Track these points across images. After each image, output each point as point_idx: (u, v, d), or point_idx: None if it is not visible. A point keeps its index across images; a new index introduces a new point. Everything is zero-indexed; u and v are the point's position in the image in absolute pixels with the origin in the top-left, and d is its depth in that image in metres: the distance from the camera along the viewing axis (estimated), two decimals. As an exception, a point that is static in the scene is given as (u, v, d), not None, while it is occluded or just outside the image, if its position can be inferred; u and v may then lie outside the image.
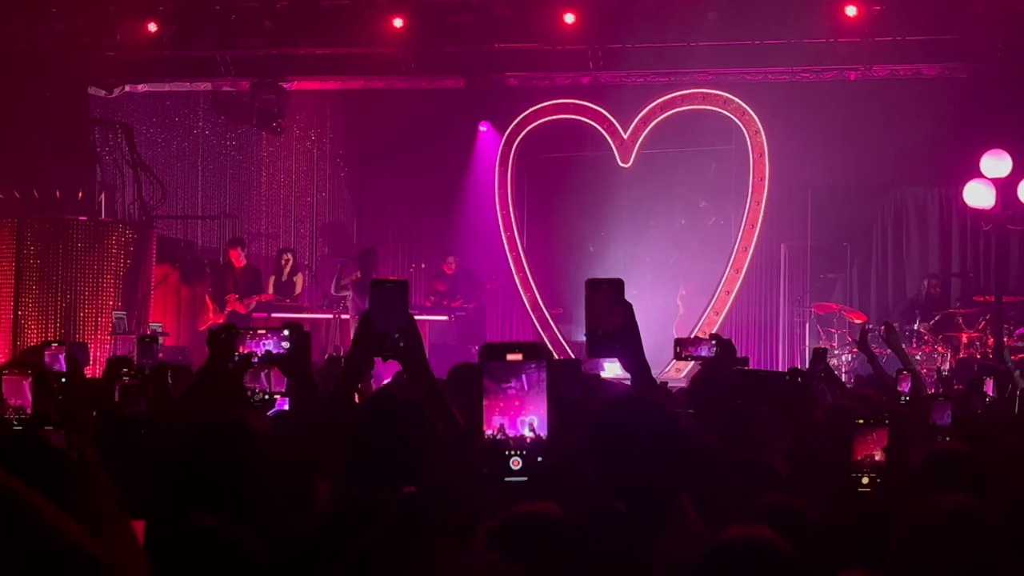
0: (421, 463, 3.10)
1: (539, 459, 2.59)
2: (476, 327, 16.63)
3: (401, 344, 3.21)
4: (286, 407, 5.67)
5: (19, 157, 14.81)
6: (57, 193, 14.71)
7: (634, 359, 3.49)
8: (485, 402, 2.58)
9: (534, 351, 2.63)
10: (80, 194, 14.80)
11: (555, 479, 2.74)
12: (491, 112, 17.12)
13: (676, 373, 14.09)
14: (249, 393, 5.69)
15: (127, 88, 16.73)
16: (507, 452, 2.59)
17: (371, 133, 17.57)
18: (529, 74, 16.48)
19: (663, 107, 16.26)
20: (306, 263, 16.94)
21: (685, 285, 16.14)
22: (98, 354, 14.27)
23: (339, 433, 3.39)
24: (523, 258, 16.78)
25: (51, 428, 4.11)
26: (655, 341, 11.02)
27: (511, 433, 2.59)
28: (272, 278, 15.96)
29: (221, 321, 15.00)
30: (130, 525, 0.98)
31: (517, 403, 2.60)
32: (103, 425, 5.78)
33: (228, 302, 15.13)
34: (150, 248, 15.26)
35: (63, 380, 6.62)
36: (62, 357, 6.36)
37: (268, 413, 5.67)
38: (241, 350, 4.78)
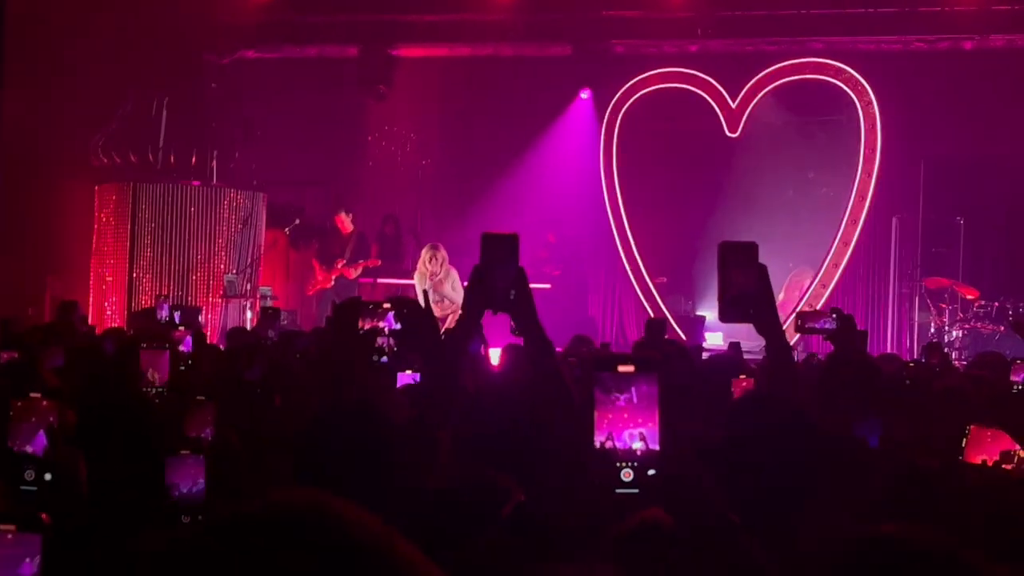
0: (532, 453, 3.15)
1: (651, 472, 2.56)
2: (578, 298, 16.75)
3: (512, 296, 3.24)
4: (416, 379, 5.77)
5: (135, 122, 15.28)
6: (171, 158, 15.17)
7: (769, 324, 3.44)
8: (595, 413, 2.57)
9: (647, 363, 2.60)
10: (193, 159, 15.24)
11: (667, 491, 2.69)
12: (597, 80, 17.13)
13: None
14: (375, 355, 5.88)
15: (239, 54, 17.11)
16: (618, 464, 2.56)
17: (476, 100, 17.68)
18: (637, 42, 16.49)
19: (773, 76, 16.13)
20: (412, 229, 17.18)
21: (792, 258, 16.06)
22: (210, 316, 14.73)
23: (454, 390, 3.52)
24: (627, 227, 16.82)
25: (202, 399, 4.35)
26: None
27: (620, 446, 2.58)
28: (376, 245, 16.23)
29: (328, 286, 15.37)
30: None
31: (626, 415, 2.59)
32: (220, 389, 6.03)
33: (336, 267, 15.45)
34: (261, 212, 15.67)
35: (190, 362, 6.88)
36: (188, 339, 6.60)
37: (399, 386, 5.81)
38: (362, 325, 4.99)
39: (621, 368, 2.59)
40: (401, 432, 3.40)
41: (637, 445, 2.57)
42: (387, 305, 4.87)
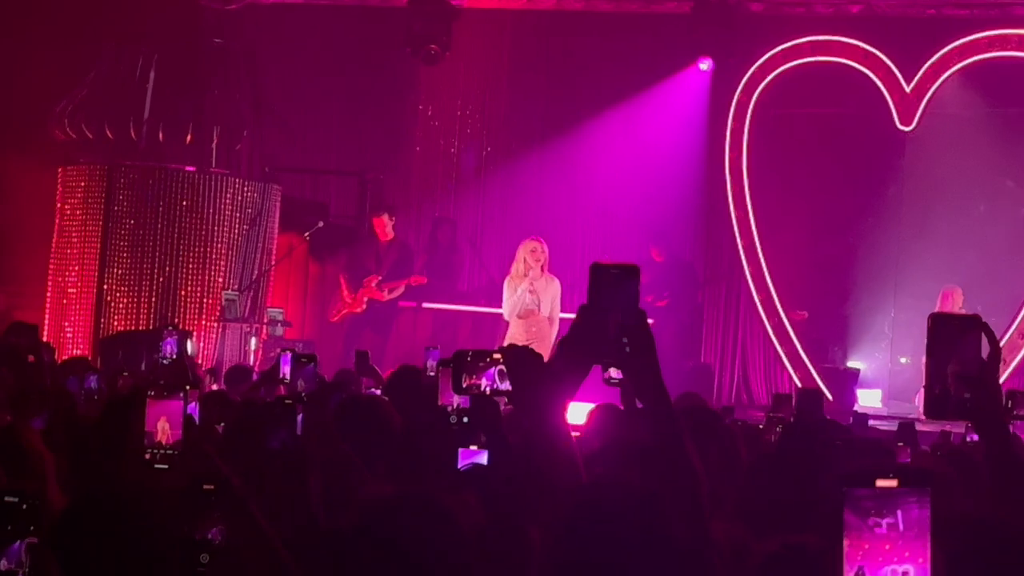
0: None
1: None
2: (689, 339, 16.60)
3: (627, 348, 3.26)
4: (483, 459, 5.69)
5: (115, 87, 15.30)
6: (160, 135, 15.18)
7: (994, 424, 3.47)
8: (846, 541, 2.57)
9: (914, 476, 2.59)
10: (188, 137, 15.25)
11: None
12: (722, 47, 17.03)
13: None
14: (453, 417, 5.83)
15: (249, 0, 17.09)
16: None
17: (559, 70, 17.66)
18: (779, -1, 16.49)
19: (962, 52, 15.94)
20: (470, 239, 17.13)
21: (981, 296, 15.82)
22: (202, 346, 14.71)
23: (550, 466, 3.48)
24: (758, 246, 16.66)
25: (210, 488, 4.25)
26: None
27: None
28: (423, 257, 16.19)
29: (359, 311, 15.34)
30: None
31: (887, 546, 2.58)
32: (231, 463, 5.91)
33: (365, 286, 15.42)
34: (273, 211, 15.65)
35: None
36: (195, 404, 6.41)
37: (460, 466, 5.76)
38: (465, 382, 5.00)
39: (881, 483, 2.58)
40: (473, 539, 3.42)
41: None
42: (497, 356, 4.84)
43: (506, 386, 4.84)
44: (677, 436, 3.32)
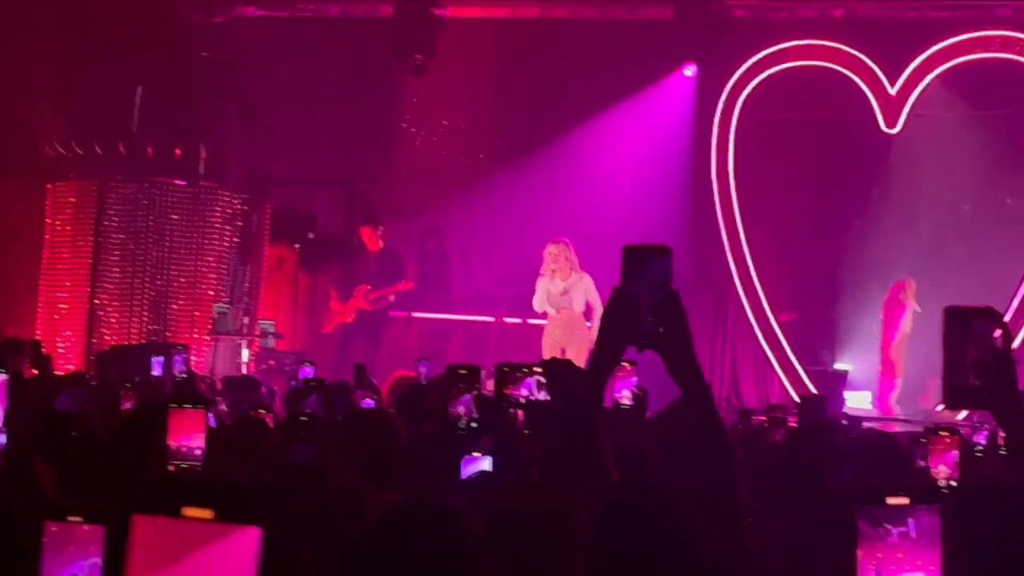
0: None
1: None
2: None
3: (660, 329, 3.30)
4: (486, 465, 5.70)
5: (103, 102, 15.28)
6: (148, 149, 15.17)
7: (1012, 412, 3.51)
8: (860, 551, 2.68)
9: (924, 494, 2.72)
10: (177, 151, 15.23)
11: None
12: (706, 53, 17.07)
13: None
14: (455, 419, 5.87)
15: (236, 12, 17.03)
16: None
17: (545, 78, 17.63)
18: (763, 3, 16.43)
19: (946, 54, 15.97)
20: (460, 247, 17.10)
21: (967, 296, 15.82)
22: (195, 358, 14.68)
23: (590, 446, 3.55)
24: (745, 250, 16.67)
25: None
26: (929, 371, 9.72)
27: None
28: (414, 267, 16.17)
29: (349, 320, 15.32)
30: None
31: (900, 555, 2.68)
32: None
33: (355, 295, 15.40)
34: (263, 223, 15.63)
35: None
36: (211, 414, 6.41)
37: (464, 476, 5.78)
38: (507, 391, 5.10)
39: (891, 500, 2.70)
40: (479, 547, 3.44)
41: None
42: (537, 369, 4.94)
43: (543, 396, 4.96)
44: (712, 413, 3.41)
